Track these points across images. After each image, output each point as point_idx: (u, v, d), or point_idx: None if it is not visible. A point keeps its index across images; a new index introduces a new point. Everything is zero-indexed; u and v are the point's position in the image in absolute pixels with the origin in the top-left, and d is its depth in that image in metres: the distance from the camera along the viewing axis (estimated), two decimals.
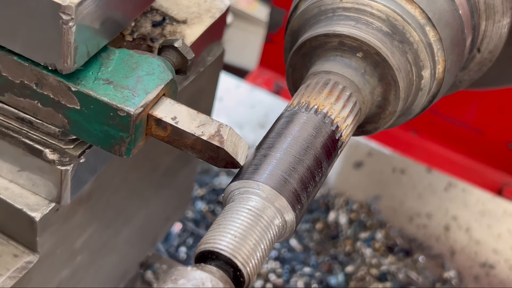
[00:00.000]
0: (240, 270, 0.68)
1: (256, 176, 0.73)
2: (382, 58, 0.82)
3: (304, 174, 0.75)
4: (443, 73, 0.87)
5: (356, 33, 0.82)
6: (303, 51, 0.86)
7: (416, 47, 0.84)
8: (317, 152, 0.76)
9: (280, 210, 0.72)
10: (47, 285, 0.95)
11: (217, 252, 0.68)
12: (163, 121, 0.77)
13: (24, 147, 0.83)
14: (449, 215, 1.67)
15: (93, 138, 0.78)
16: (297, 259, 1.53)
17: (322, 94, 0.81)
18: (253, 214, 0.70)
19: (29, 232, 0.86)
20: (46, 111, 0.79)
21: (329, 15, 0.85)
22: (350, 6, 0.84)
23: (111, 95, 0.75)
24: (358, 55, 0.83)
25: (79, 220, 0.94)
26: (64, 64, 0.73)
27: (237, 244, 0.68)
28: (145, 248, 1.27)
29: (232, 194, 0.73)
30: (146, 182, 1.09)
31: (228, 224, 0.70)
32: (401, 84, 0.83)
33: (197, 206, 1.60)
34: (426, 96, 0.88)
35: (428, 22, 0.85)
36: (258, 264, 0.69)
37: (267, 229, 0.71)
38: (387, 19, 0.83)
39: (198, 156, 0.78)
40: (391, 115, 0.86)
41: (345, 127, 0.80)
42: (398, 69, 0.83)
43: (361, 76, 0.83)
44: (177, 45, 0.84)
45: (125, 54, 0.80)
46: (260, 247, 0.70)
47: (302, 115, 0.79)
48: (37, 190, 0.86)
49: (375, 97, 0.85)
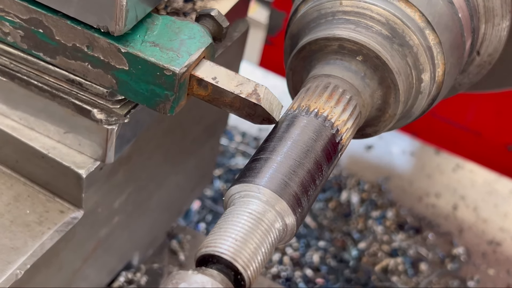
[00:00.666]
0: (241, 274, 0.68)
1: (257, 179, 0.73)
2: (382, 61, 0.82)
3: (304, 177, 0.75)
4: (442, 76, 0.88)
5: (356, 37, 0.82)
6: (303, 54, 0.86)
7: (415, 51, 0.84)
8: (317, 156, 0.77)
9: (280, 214, 0.72)
10: (87, 242, 1.01)
11: (218, 256, 0.68)
12: (205, 81, 0.83)
13: (73, 108, 0.89)
14: (457, 194, 1.71)
15: (139, 97, 0.85)
16: (312, 235, 1.58)
17: (322, 98, 0.81)
18: (253, 218, 0.71)
19: (76, 188, 0.92)
20: (95, 73, 0.85)
21: (329, 19, 0.86)
22: (350, 10, 0.85)
23: (158, 56, 0.82)
24: (358, 58, 0.83)
25: (119, 181, 1.00)
26: (116, 26, 0.79)
27: (238, 248, 0.69)
28: (172, 218, 1.33)
29: (233, 198, 0.74)
30: (177, 149, 1.15)
31: (228, 227, 0.70)
32: (401, 87, 0.84)
33: (215, 185, 1.65)
34: (426, 99, 0.88)
35: (428, 26, 0.85)
36: (259, 268, 0.69)
37: (268, 232, 0.71)
38: (386, 22, 0.84)
39: (236, 113, 0.84)
40: (391, 118, 0.86)
41: (345, 130, 0.80)
42: (398, 72, 0.83)
43: (361, 79, 0.83)
44: (213, 14, 0.90)
45: (168, 20, 0.86)
46: (260, 250, 0.70)
47: (303, 119, 0.79)
48: (83, 149, 0.92)
49: (375, 100, 0.85)
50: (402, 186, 1.72)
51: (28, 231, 0.91)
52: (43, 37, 0.85)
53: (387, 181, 1.72)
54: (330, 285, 1.46)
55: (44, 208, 0.94)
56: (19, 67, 0.89)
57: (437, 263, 1.57)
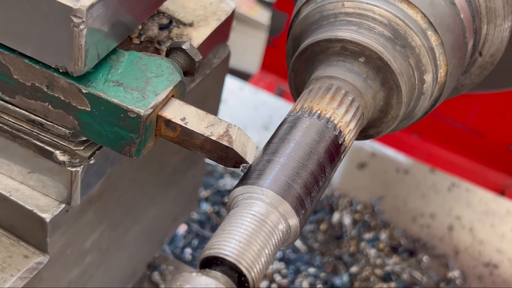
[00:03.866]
0: (245, 275, 0.68)
1: (260, 181, 0.73)
2: (384, 62, 0.82)
3: (307, 179, 0.75)
4: (445, 77, 0.88)
5: (358, 38, 0.82)
6: (305, 56, 0.86)
7: (418, 52, 0.84)
8: (320, 157, 0.77)
9: (284, 215, 0.72)
10: (57, 285, 0.96)
11: (222, 258, 0.68)
12: (173, 122, 0.78)
13: (34, 149, 0.84)
14: (452, 215, 1.68)
15: (103, 139, 0.80)
16: (302, 259, 1.54)
17: (325, 99, 0.81)
18: (257, 220, 0.71)
19: (40, 233, 0.87)
20: (56, 113, 0.80)
21: (331, 20, 0.86)
22: (352, 11, 0.85)
23: (121, 97, 0.77)
24: (360, 60, 0.83)
25: (89, 220, 0.95)
26: (75, 66, 0.74)
27: (241, 250, 0.68)
28: (153, 249, 1.28)
29: (236, 200, 0.74)
30: (155, 181, 1.10)
31: (232, 229, 0.70)
32: (403, 89, 0.84)
33: (202, 208, 1.61)
34: (428, 100, 0.88)
35: (430, 27, 0.85)
36: (262, 269, 0.69)
37: (271, 234, 0.71)
38: (389, 24, 0.84)
39: (207, 156, 0.79)
40: (393, 120, 0.86)
41: (348, 131, 0.80)
42: (400, 73, 0.83)
43: (364, 80, 0.83)
44: (185, 47, 0.85)
45: (134, 56, 0.81)
46: (264, 252, 0.70)
47: (305, 120, 0.79)
48: (47, 191, 0.87)
49: (378, 102, 0.85)
50: (396, 206, 1.69)
51: None
52: (1, 76, 0.80)
53: (380, 201, 1.68)
54: None
55: (7, 253, 0.89)
56: None
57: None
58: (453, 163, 1.86)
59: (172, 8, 1.00)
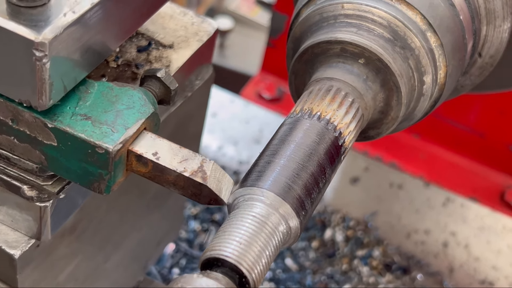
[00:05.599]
0: (245, 277, 0.68)
1: (260, 183, 0.73)
2: (384, 64, 0.82)
3: (308, 180, 0.75)
4: (444, 78, 0.88)
5: (357, 40, 0.83)
6: (305, 57, 0.86)
7: (417, 53, 0.84)
8: (320, 159, 0.77)
9: (284, 217, 0.72)
10: None
11: (223, 259, 0.68)
12: (144, 157, 0.75)
13: (1, 183, 0.81)
14: (447, 231, 1.65)
15: (71, 175, 0.76)
16: (293, 279, 1.50)
17: (324, 101, 0.81)
18: (257, 221, 0.71)
19: (9, 269, 0.84)
20: (23, 147, 0.77)
21: (330, 22, 0.86)
22: (352, 13, 0.85)
23: (89, 132, 0.73)
24: (360, 61, 0.83)
25: (63, 253, 0.91)
26: (39, 101, 0.71)
27: (242, 251, 0.69)
28: (137, 274, 1.24)
29: (237, 201, 0.73)
30: (135, 208, 1.07)
31: (233, 231, 0.70)
32: (403, 90, 0.84)
33: (190, 226, 1.57)
34: (428, 102, 0.88)
35: (429, 28, 0.85)
36: (263, 271, 0.70)
37: (272, 235, 0.71)
38: (388, 25, 0.84)
39: (180, 192, 0.76)
40: (393, 121, 0.86)
41: (348, 133, 0.80)
42: (400, 75, 0.83)
43: (363, 82, 0.83)
44: (160, 75, 0.82)
45: (105, 87, 0.77)
46: (265, 253, 0.70)
47: (305, 122, 0.79)
48: (16, 226, 0.84)
49: (377, 103, 0.85)
50: (389, 222, 1.66)
51: None
52: None
53: (374, 217, 1.65)
54: None
55: None
56: None
57: None
58: (454, 164, 1.85)
59: (152, 28, 0.96)
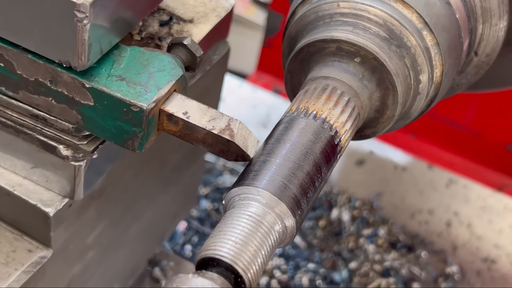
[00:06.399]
0: (241, 277, 0.68)
1: (256, 182, 0.73)
2: (380, 63, 0.82)
3: (303, 179, 0.75)
4: (440, 77, 0.88)
5: (353, 39, 0.82)
6: (301, 56, 0.86)
7: (413, 52, 0.84)
8: (316, 158, 0.76)
9: (280, 216, 0.72)
10: (59, 281, 0.97)
11: (218, 259, 0.68)
12: (175, 116, 0.79)
13: (38, 144, 0.85)
14: (450, 211, 1.69)
15: (106, 134, 0.80)
16: (301, 256, 1.55)
17: (320, 100, 0.80)
18: (253, 220, 0.70)
19: (43, 227, 0.88)
20: (60, 108, 0.81)
21: (326, 21, 0.85)
22: (347, 12, 0.85)
23: (124, 91, 0.77)
24: (356, 60, 0.83)
25: (91, 216, 0.95)
26: (78, 61, 0.75)
27: (238, 251, 0.68)
28: (153, 245, 1.28)
29: (233, 201, 0.74)
30: (155, 179, 1.11)
31: (228, 230, 0.70)
32: (399, 89, 0.83)
33: (202, 205, 1.61)
34: (424, 100, 0.88)
35: (425, 27, 0.85)
36: (259, 270, 0.69)
37: (268, 235, 0.71)
38: (384, 24, 0.84)
39: (209, 149, 0.80)
40: (389, 120, 0.86)
41: (344, 132, 0.80)
42: (396, 73, 0.83)
43: (359, 81, 0.83)
44: (186, 42, 0.86)
45: (136, 51, 0.82)
46: (261, 253, 0.70)
47: (301, 121, 0.79)
48: (50, 186, 0.88)
49: (374, 102, 0.85)
50: (394, 202, 1.69)
51: None
52: (4, 71, 0.80)
53: (379, 198, 1.69)
54: None
55: (11, 247, 0.89)
56: None
57: (430, 283, 1.55)
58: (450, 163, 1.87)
59: (172, 5, 1.00)
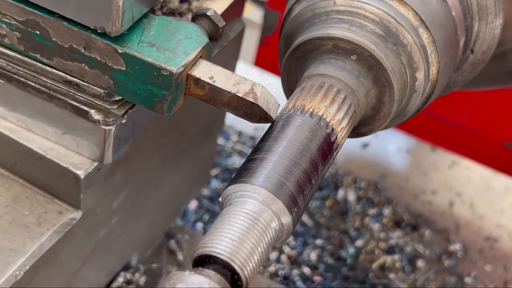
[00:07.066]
0: (237, 274, 0.68)
1: (253, 179, 0.73)
2: (376, 60, 0.82)
3: (300, 177, 0.75)
4: (437, 75, 0.88)
5: (350, 36, 0.82)
6: (297, 54, 0.86)
7: (409, 49, 0.84)
8: (313, 155, 0.77)
9: (277, 213, 0.72)
10: (86, 244, 1.02)
11: (215, 256, 0.68)
12: (202, 80, 0.84)
13: (70, 109, 0.89)
14: (453, 191, 1.72)
15: (137, 98, 0.85)
16: (309, 233, 1.59)
17: (317, 97, 0.81)
18: (250, 218, 0.71)
19: (74, 189, 0.92)
20: (93, 73, 0.85)
21: (323, 18, 0.86)
22: (344, 9, 0.85)
23: (155, 56, 0.82)
24: (352, 57, 0.83)
25: (117, 181, 1.00)
26: (112, 27, 0.80)
27: (234, 248, 0.69)
28: (170, 217, 1.33)
29: (229, 198, 0.74)
30: (175, 150, 1.15)
31: (225, 228, 0.70)
32: (396, 86, 0.84)
33: (212, 185, 1.66)
34: (420, 98, 0.89)
35: (421, 24, 0.85)
36: (255, 268, 0.69)
37: (264, 232, 0.71)
38: (380, 21, 0.84)
39: (233, 112, 0.84)
40: (385, 117, 0.86)
41: (340, 129, 0.80)
42: (392, 71, 0.83)
43: (356, 78, 0.83)
44: (209, 13, 0.90)
45: (165, 20, 0.87)
46: (257, 250, 0.70)
47: (298, 118, 0.79)
48: (81, 150, 0.92)
49: (370, 99, 0.85)
50: (398, 183, 1.73)
51: (27, 233, 0.91)
52: (40, 38, 0.85)
53: (383, 179, 1.73)
54: (327, 283, 1.47)
55: (42, 209, 0.94)
56: (16, 69, 0.90)
57: (434, 260, 1.58)
58: None
59: None
